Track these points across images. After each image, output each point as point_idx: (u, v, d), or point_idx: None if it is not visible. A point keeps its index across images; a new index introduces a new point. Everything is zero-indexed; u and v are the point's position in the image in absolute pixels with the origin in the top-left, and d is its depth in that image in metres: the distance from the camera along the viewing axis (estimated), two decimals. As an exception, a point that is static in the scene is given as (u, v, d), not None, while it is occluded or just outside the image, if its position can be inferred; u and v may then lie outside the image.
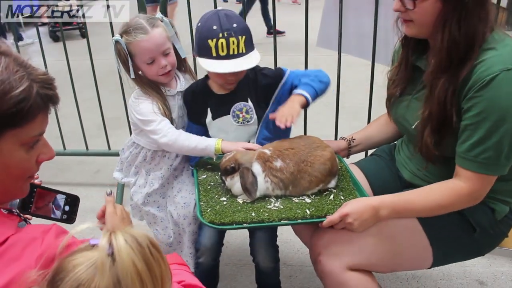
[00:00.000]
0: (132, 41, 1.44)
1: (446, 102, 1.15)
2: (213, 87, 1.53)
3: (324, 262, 1.24)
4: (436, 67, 1.16)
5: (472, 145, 1.12)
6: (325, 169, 1.32)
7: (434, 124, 1.18)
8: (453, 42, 1.11)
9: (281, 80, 1.52)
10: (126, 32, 1.45)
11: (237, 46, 1.36)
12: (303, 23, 2.10)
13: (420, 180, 1.36)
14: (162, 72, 1.49)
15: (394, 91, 1.37)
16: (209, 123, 1.53)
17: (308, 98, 1.42)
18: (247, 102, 1.51)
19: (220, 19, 1.35)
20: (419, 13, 1.14)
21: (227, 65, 1.36)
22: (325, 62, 2.48)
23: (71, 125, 2.91)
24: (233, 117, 1.50)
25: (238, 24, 1.37)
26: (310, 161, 1.32)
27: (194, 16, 2.06)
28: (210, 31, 1.35)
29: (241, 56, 1.37)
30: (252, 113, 1.51)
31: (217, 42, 1.34)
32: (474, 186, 1.15)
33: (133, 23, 1.45)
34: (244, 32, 1.37)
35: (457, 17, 1.10)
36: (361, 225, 1.21)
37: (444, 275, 1.92)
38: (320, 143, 1.38)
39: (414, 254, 1.28)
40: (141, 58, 1.46)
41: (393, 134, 1.56)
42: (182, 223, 1.54)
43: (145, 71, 1.50)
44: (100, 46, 3.40)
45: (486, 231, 1.27)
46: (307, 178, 1.32)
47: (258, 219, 1.25)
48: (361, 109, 2.56)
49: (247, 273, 1.99)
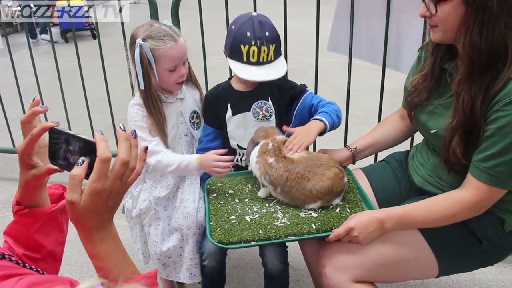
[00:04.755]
0: (161, 47, 1.42)
1: (473, 111, 1.12)
2: (235, 85, 1.60)
3: (329, 275, 1.24)
4: (461, 76, 1.14)
5: (489, 156, 1.11)
6: (322, 187, 1.32)
7: (463, 134, 1.16)
8: (474, 49, 1.09)
9: (302, 93, 1.60)
10: (153, 38, 1.42)
11: (267, 55, 1.45)
12: (306, 28, 2.09)
13: (430, 186, 1.36)
14: (180, 80, 1.50)
15: (417, 100, 1.33)
16: (228, 119, 1.57)
17: (327, 127, 1.48)
18: (267, 101, 1.57)
19: (255, 26, 1.43)
20: (441, 17, 1.13)
21: (256, 73, 1.45)
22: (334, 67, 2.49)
23: (82, 125, 2.93)
24: (253, 114, 1.56)
25: (270, 33, 1.45)
26: (308, 176, 1.33)
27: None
28: (243, 37, 1.43)
29: (269, 63, 1.47)
30: (271, 112, 1.57)
31: (249, 49, 1.43)
32: (481, 197, 1.14)
33: (159, 30, 1.43)
34: (274, 41, 1.46)
35: (479, 22, 1.07)
36: (366, 237, 1.22)
37: (452, 283, 1.90)
38: (328, 161, 1.38)
39: (419, 266, 1.27)
40: (165, 65, 1.45)
41: (399, 137, 1.55)
42: (186, 233, 1.53)
43: (164, 77, 1.48)
44: (111, 47, 3.42)
45: (494, 243, 1.26)
46: (301, 191, 1.33)
47: (265, 236, 1.27)
48: (370, 113, 2.55)
49: (254, 277, 1.99)
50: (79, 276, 2.06)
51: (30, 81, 2.82)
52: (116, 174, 0.70)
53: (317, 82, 2.19)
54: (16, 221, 0.93)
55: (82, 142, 0.73)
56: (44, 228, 0.93)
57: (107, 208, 0.71)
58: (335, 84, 3.86)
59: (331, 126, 1.49)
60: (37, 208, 0.92)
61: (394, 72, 2.11)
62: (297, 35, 6.15)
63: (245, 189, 1.51)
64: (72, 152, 0.74)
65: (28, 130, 0.85)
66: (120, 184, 0.71)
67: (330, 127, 1.49)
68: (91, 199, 0.68)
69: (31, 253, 0.93)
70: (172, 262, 1.59)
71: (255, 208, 1.40)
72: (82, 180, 0.69)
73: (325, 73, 2.74)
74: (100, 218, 0.71)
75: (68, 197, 0.68)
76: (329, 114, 1.50)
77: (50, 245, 0.95)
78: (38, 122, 0.89)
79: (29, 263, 0.86)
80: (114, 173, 0.70)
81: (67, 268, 2.10)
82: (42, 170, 0.88)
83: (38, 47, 6.52)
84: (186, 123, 1.60)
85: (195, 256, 1.55)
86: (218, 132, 1.60)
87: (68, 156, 0.75)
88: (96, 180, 0.68)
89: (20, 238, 0.92)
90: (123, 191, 0.73)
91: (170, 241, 1.56)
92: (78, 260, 2.14)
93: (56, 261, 0.99)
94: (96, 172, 0.68)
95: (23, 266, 0.82)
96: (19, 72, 2.83)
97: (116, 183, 0.71)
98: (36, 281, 0.69)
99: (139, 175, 0.75)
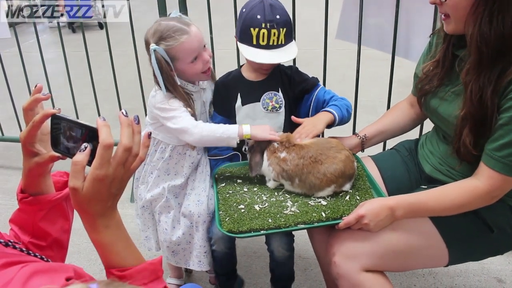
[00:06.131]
0: (175, 44, 1.39)
1: (483, 102, 1.11)
2: (245, 74, 1.58)
3: (339, 264, 1.23)
4: (470, 66, 1.12)
5: (503, 145, 1.10)
6: (336, 170, 1.32)
7: (472, 124, 1.14)
8: (483, 38, 1.07)
9: (314, 88, 1.57)
10: (164, 38, 1.40)
11: (277, 38, 1.41)
12: (314, 17, 2.07)
13: (441, 175, 1.35)
14: (206, 67, 1.47)
15: (428, 87, 1.32)
16: (238, 108, 1.55)
17: (336, 120, 1.47)
18: (277, 92, 1.55)
19: (265, 9, 1.40)
20: (452, 5, 1.11)
21: (266, 55, 1.42)
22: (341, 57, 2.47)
23: (90, 114, 2.94)
24: (262, 104, 1.54)
25: (281, 16, 1.41)
26: (321, 159, 1.33)
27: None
28: (253, 20, 1.40)
29: (280, 47, 1.43)
30: (281, 103, 1.55)
31: (259, 31, 1.40)
32: (494, 186, 1.13)
33: (168, 28, 1.40)
34: (285, 24, 1.42)
35: (489, 11, 1.05)
36: (377, 225, 1.21)
37: (461, 272, 1.90)
38: (337, 145, 1.38)
39: (430, 254, 1.27)
40: (185, 59, 1.43)
41: (408, 125, 1.54)
42: (196, 221, 1.54)
43: (189, 71, 1.46)
44: (117, 37, 3.42)
45: (505, 231, 1.25)
46: (316, 175, 1.33)
47: (275, 225, 1.27)
48: (378, 103, 2.54)
49: (262, 265, 1.99)
50: (88, 264, 2.08)
51: (38, 71, 2.83)
52: (119, 161, 0.69)
53: (325, 72, 2.18)
54: (21, 209, 0.93)
55: (84, 128, 0.72)
56: (49, 215, 0.93)
57: (110, 195, 0.71)
58: (343, 73, 3.84)
59: (341, 119, 1.48)
60: (41, 195, 0.91)
61: (402, 61, 2.09)
62: (305, 24, 6.12)
63: (253, 178, 1.50)
64: (74, 139, 0.73)
65: (30, 117, 0.85)
66: (123, 170, 0.71)
67: (340, 120, 1.48)
68: (93, 185, 0.68)
69: (36, 241, 0.93)
70: (181, 249, 1.60)
71: (264, 197, 1.40)
72: (84, 166, 0.68)
73: (333, 63, 2.72)
74: (104, 205, 0.71)
75: (70, 183, 0.68)
76: (339, 108, 1.49)
77: (56, 233, 0.95)
78: (40, 109, 0.88)
79: (35, 251, 0.87)
80: (117, 159, 0.69)
81: (75, 256, 2.12)
82: (45, 158, 0.87)
83: (45, 36, 6.53)
84: (206, 113, 1.61)
85: (205, 243, 1.55)
86: (227, 121, 1.59)
87: (71, 143, 0.74)
88: (98, 167, 0.67)
89: (26, 226, 0.92)
90: (126, 178, 0.72)
91: (180, 229, 1.57)
92: (87, 248, 2.16)
93: (62, 248, 0.99)
94: (99, 158, 0.67)
95: (27, 253, 0.82)
96: (27, 62, 2.84)
97: (119, 170, 0.70)
98: (39, 268, 0.69)
99: (142, 161, 0.75)
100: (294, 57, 1.49)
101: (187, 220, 1.55)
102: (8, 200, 2.65)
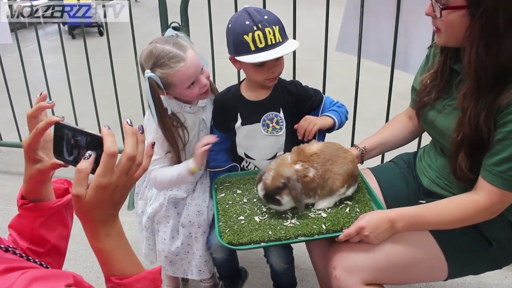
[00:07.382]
0: (171, 72, 1.35)
1: (479, 125, 1.11)
2: (245, 93, 1.52)
3: (340, 277, 1.23)
4: (467, 90, 1.13)
5: (501, 160, 1.10)
6: (348, 169, 1.33)
7: (468, 148, 1.15)
8: (481, 65, 1.07)
9: (321, 102, 1.55)
10: (160, 65, 1.35)
11: (274, 36, 1.35)
12: (314, 28, 2.09)
13: (439, 188, 1.35)
14: (203, 90, 1.44)
15: (426, 99, 1.32)
16: (237, 128, 1.52)
17: (336, 124, 1.49)
18: (278, 113, 1.50)
19: (251, 14, 1.36)
20: (445, 24, 1.12)
21: (269, 54, 1.35)
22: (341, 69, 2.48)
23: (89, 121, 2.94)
24: (262, 126, 1.50)
25: (268, 16, 1.37)
26: (335, 160, 1.33)
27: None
28: (243, 27, 1.35)
29: (279, 45, 1.37)
30: (282, 124, 1.51)
31: (253, 35, 1.34)
32: (494, 201, 1.14)
33: (164, 54, 1.35)
34: (276, 22, 1.38)
35: (485, 41, 1.05)
36: (377, 237, 1.21)
37: (458, 285, 1.89)
38: (340, 147, 1.40)
39: (430, 268, 1.26)
40: (182, 86, 1.39)
41: (407, 137, 1.55)
42: (195, 231, 1.53)
43: (186, 95, 1.44)
44: (117, 44, 3.43)
45: (504, 245, 1.25)
46: (333, 176, 1.32)
47: (275, 237, 1.26)
48: (377, 115, 2.55)
49: (259, 275, 1.99)
50: (85, 272, 2.06)
51: (38, 77, 2.83)
52: (122, 169, 0.70)
53: (325, 83, 2.19)
54: (20, 215, 0.93)
55: (89, 136, 0.73)
56: (48, 222, 0.94)
57: (112, 203, 0.72)
58: (342, 85, 3.86)
59: (340, 124, 1.50)
60: (41, 202, 0.92)
61: (401, 74, 2.10)
62: (305, 36, 6.15)
63: (253, 188, 1.49)
64: (78, 147, 0.74)
65: (34, 125, 0.85)
66: (126, 179, 0.72)
67: (339, 125, 1.50)
68: (96, 193, 0.69)
69: (35, 247, 0.93)
70: (179, 259, 1.60)
71: (264, 208, 1.39)
72: (88, 174, 0.69)
73: (332, 74, 2.73)
74: (106, 213, 0.72)
75: (74, 190, 0.69)
76: (338, 113, 1.50)
77: (54, 240, 0.95)
78: (44, 116, 0.89)
79: (33, 257, 0.87)
80: (120, 167, 0.70)
81: (72, 263, 2.11)
82: (47, 165, 0.88)
83: (45, 42, 6.53)
84: (206, 130, 1.57)
85: (205, 253, 1.55)
86: (227, 136, 1.56)
87: (73, 151, 0.75)
88: (102, 175, 0.68)
89: (24, 231, 0.93)
90: (129, 186, 0.73)
91: (179, 239, 1.56)
92: (83, 255, 2.15)
93: (60, 255, 0.99)
94: (103, 166, 0.68)
95: (27, 259, 0.82)
96: (27, 67, 2.84)
97: (122, 178, 0.71)
98: (39, 275, 0.69)
99: (145, 170, 0.76)
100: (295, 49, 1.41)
101: (186, 230, 1.55)
102: (5, 205, 2.64)
